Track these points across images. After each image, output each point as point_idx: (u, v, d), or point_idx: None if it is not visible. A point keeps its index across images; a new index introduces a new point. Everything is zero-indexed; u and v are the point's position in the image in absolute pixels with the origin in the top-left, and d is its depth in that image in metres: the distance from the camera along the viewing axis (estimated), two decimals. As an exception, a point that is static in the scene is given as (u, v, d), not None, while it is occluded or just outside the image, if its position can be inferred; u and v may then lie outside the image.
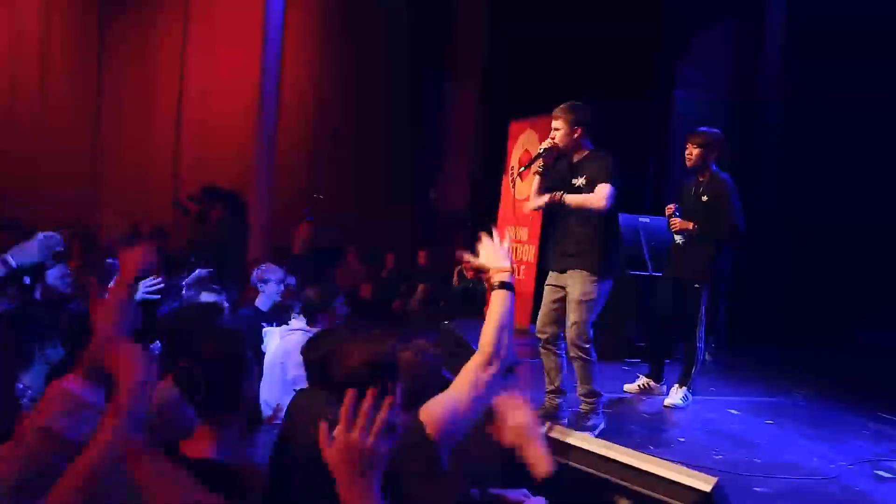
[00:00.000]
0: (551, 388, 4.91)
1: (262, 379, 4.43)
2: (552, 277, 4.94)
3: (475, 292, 9.87)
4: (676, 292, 5.69)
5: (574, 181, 4.75)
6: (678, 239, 5.64)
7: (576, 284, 4.67)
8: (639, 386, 5.91)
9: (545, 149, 4.80)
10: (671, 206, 5.72)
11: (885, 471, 4.36)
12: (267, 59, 9.78)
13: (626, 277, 7.28)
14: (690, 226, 5.52)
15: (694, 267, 5.57)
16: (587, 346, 4.68)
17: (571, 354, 4.72)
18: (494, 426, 2.45)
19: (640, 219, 7.62)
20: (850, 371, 6.97)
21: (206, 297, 4.58)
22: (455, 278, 10.26)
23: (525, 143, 9.43)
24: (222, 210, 8.45)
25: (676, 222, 5.62)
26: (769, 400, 5.85)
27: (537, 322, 4.98)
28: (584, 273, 4.66)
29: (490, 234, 2.87)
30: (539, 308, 8.36)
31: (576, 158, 4.82)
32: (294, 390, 3.98)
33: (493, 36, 10.94)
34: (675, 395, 5.54)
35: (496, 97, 10.50)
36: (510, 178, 9.62)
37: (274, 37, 9.76)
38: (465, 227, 11.29)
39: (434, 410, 2.43)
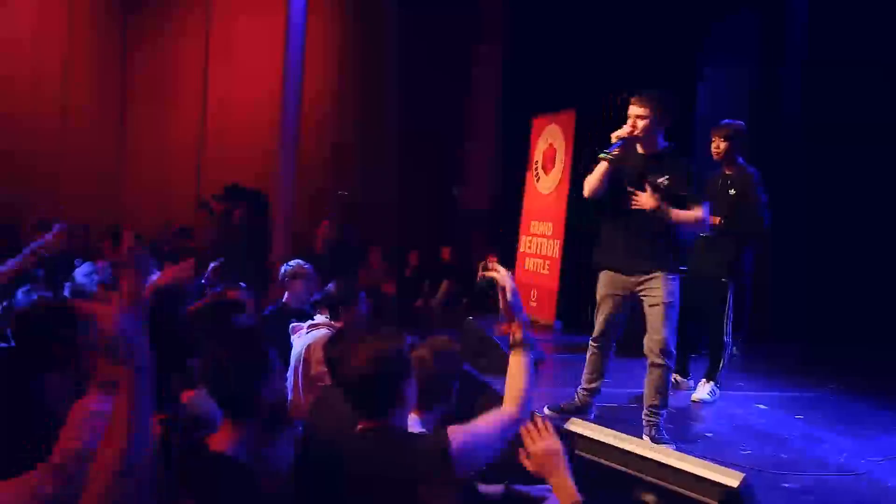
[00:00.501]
0: (590, 387, 4.81)
1: (288, 375, 4.48)
2: (613, 281, 4.54)
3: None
4: (702, 287, 5.64)
5: (651, 178, 4.33)
6: (702, 234, 5.58)
7: (657, 287, 4.37)
8: None
9: (624, 137, 4.35)
10: None
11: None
12: (289, 57, 9.82)
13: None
14: (717, 220, 5.47)
15: (720, 261, 5.53)
16: (673, 352, 4.46)
17: (654, 362, 4.42)
18: (521, 453, 2.45)
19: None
20: (879, 367, 6.85)
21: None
22: (479, 275, 10.24)
23: (549, 138, 9.43)
24: (245, 209, 8.50)
25: None
26: (797, 395, 5.80)
27: (599, 325, 4.68)
28: (664, 274, 4.36)
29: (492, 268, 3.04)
30: (563, 302, 8.51)
31: (652, 152, 4.41)
32: (318, 387, 4.01)
33: (514, 31, 10.90)
34: (703, 390, 5.51)
35: (519, 92, 10.46)
36: (534, 173, 9.62)
37: (296, 36, 9.80)
38: (489, 224, 11.30)
39: (460, 432, 2.42)
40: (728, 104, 8.38)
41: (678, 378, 5.83)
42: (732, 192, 5.50)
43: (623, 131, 4.33)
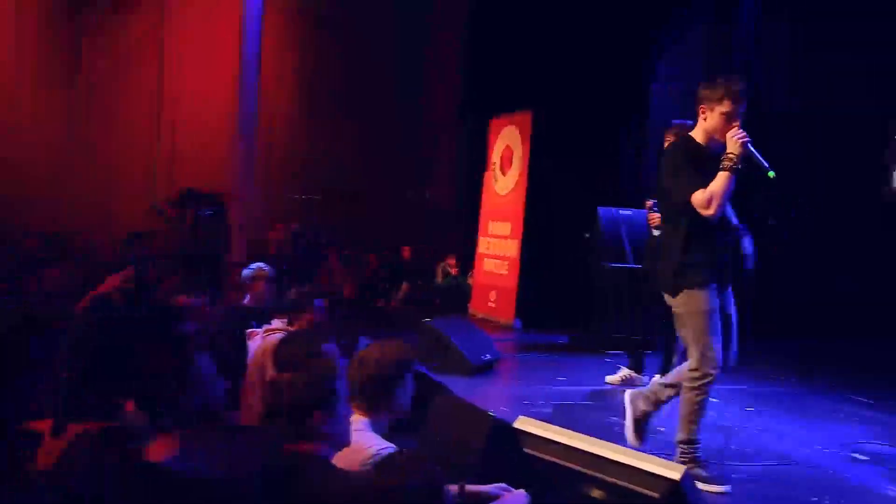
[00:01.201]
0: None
1: (246, 379, 4.47)
2: (712, 297, 3.90)
3: (459, 288, 9.92)
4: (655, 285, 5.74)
5: None
6: (656, 233, 5.67)
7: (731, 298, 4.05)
8: (620, 377, 5.96)
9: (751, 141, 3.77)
10: (650, 200, 5.76)
11: (861, 454, 4.43)
12: (246, 59, 9.78)
13: (606, 269, 7.35)
14: None
15: None
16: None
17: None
18: None
19: (622, 211, 7.67)
20: (830, 358, 7.00)
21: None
22: (439, 275, 10.29)
23: (506, 139, 9.50)
24: (200, 213, 8.45)
25: (656, 216, 5.66)
26: (749, 388, 5.91)
27: (718, 359, 3.86)
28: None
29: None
30: (523, 301, 8.57)
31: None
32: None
33: (472, 33, 10.96)
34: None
35: (477, 94, 10.53)
36: (491, 174, 9.68)
37: (252, 38, 9.75)
38: (449, 225, 11.35)
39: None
40: (682, 104, 8.53)
41: (633, 374, 5.93)
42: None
43: (742, 134, 3.74)
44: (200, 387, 2.27)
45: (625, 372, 5.97)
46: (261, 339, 4.81)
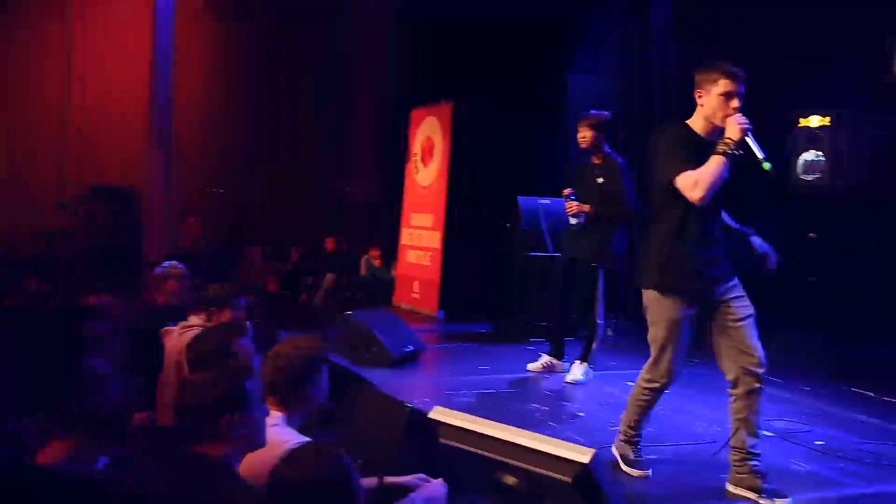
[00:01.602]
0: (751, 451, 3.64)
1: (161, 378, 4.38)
2: (692, 303, 3.67)
3: (382, 280, 9.91)
4: (574, 272, 5.86)
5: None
6: (573, 221, 5.77)
7: (743, 293, 3.72)
8: (542, 364, 6.05)
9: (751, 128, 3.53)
10: (567, 189, 5.85)
11: (767, 430, 4.58)
12: (157, 54, 9.54)
13: (527, 258, 7.44)
14: (587, 208, 5.68)
15: (590, 248, 5.73)
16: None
17: (756, 387, 3.63)
18: None
19: (541, 201, 7.76)
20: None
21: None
22: (362, 267, 10.26)
23: (427, 130, 9.52)
24: (111, 211, 8.24)
25: (573, 206, 5.76)
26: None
27: (677, 366, 3.75)
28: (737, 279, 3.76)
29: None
30: (446, 293, 8.61)
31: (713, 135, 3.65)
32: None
33: (393, 24, 10.93)
34: (576, 372, 5.71)
35: (398, 85, 10.51)
36: (413, 165, 9.69)
37: (164, 31, 9.52)
38: (372, 217, 11.32)
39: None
40: (598, 95, 8.67)
41: (553, 361, 6.03)
42: (600, 180, 5.72)
43: (742, 119, 3.51)
44: (93, 389, 2.22)
45: (546, 359, 6.06)
46: (177, 337, 4.73)
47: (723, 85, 3.52)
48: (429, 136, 9.44)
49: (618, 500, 2.48)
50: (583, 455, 2.25)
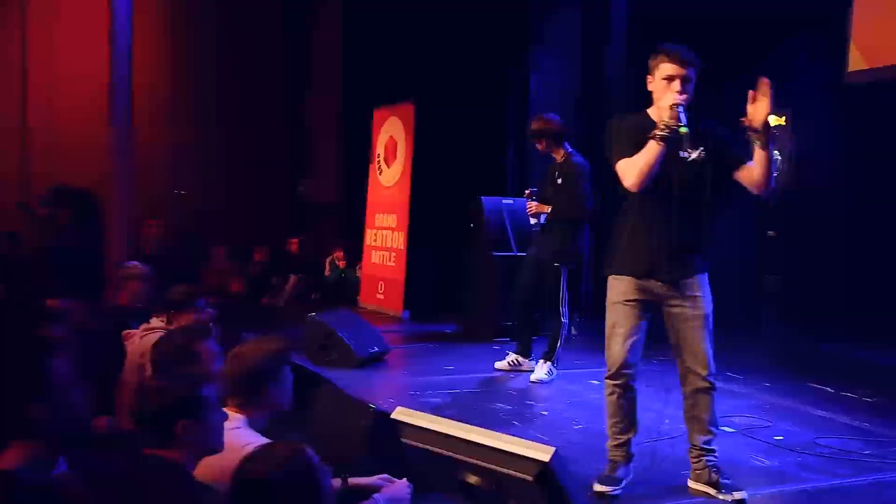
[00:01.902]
0: (627, 436, 3.72)
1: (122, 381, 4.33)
2: (638, 288, 3.58)
3: (347, 281, 9.89)
4: (538, 272, 5.90)
5: (683, 154, 3.50)
6: (532, 221, 5.82)
7: (700, 293, 3.56)
8: (508, 363, 6.08)
9: (685, 106, 3.40)
10: (529, 189, 5.90)
11: (728, 426, 4.65)
12: (116, 51, 9.37)
13: (491, 258, 7.46)
14: (546, 208, 5.74)
15: (552, 247, 5.78)
16: (713, 369, 3.63)
17: (702, 386, 3.59)
18: None
19: (504, 201, 7.80)
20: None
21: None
22: (326, 268, 10.23)
23: (389, 130, 9.51)
24: (73, 212, 8.12)
25: (532, 206, 5.81)
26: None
27: (616, 354, 3.63)
28: (704, 277, 3.59)
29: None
30: (410, 293, 8.61)
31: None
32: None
33: (352, 23, 10.91)
34: (541, 371, 5.75)
35: (359, 85, 10.49)
36: (376, 166, 9.67)
37: (122, 29, 9.36)
38: (336, 218, 11.28)
39: None
40: (560, 95, 8.73)
41: (520, 359, 6.06)
42: (559, 181, 5.77)
43: (676, 98, 3.39)
44: (54, 393, 2.19)
45: (512, 357, 6.09)
46: (139, 340, 4.69)
47: (664, 69, 3.46)
48: (392, 136, 9.43)
49: (580, 498, 2.51)
50: (544, 453, 2.27)
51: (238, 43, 11.98)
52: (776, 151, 6.72)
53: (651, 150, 3.38)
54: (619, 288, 3.60)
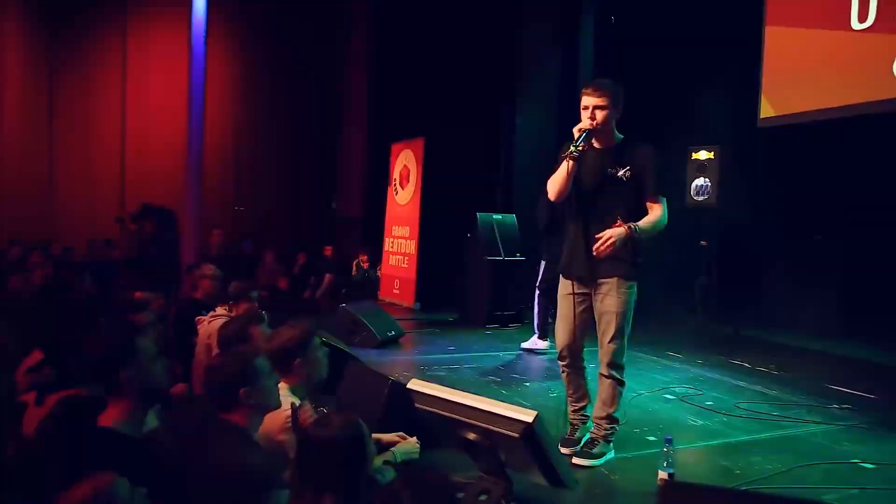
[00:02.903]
0: (581, 404, 3.55)
1: (196, 357, 4.33)
2: (571, 286, 3.40)
3: (370, 279, 9.88)
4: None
5: (612, 171, 3.26)
6: None
7: (611, 294, 3.29)
8: (532, 343, 5.99)
9: (587, 131, 3.21)
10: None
11: (670, 394, 4.65)
12: (192, 89, 9.42)
13: (484, 261, 7.46)
14: None
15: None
16: (622, 365, 3.38)
17: (603, 373, 3.38)
18: None
19: (494, 216, 7.80)
20: (651, 323, 7.24)
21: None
22: (354, 269, 10.22)
23: (404, 160, 9.50)
24: (156, 224, 8.14)
25: None
26: (591, 349, 6.08)
27: (560, 339, 3.46)
28: (620, 280, 3.27)
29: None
30: (420, 289, 8.61)
31: (608, 144, 3.31)
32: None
33: (376, 75, 10.93)
34: (534, 341, 5.83)
35: (380, 123, 10.51)
36: (393, 188, 9.67)
37: (197, 69, 9.39)
38: (360, 229, 11.28)
39: None
40: (542, 127, 8.72)
41: (538, 340, 5.95)
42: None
43: (584, 124, 3.23)
44: (142, 365, 2.21)
45: (534, 338, 5.98)
46: (207, 324, 4.69)
47: (582, 100, 3.26)
48: (405, 164, 9.43)
49: (556, 452, 2.51)
50: (528, 416, 2.29)
51: (285, 91, 12.01)
52: (706, 179, 6.73)
53: (560, 169, 3.24)
54: (562, 284, 3.46)
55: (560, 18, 8.98)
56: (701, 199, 6.77)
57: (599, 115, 3.21)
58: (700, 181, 6.78)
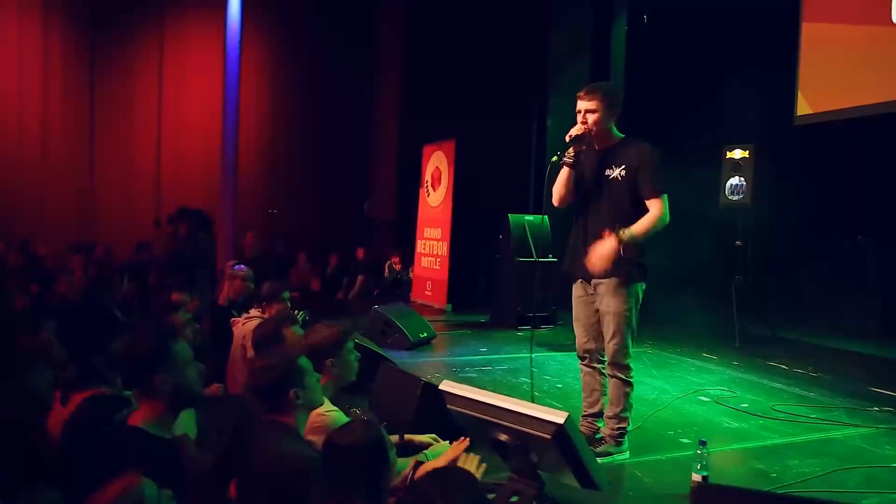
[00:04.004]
0: (592, 410, 3.52)
1: (231, 358, 4.41)
2: (580, 287, 3.44)
3: (401, 281, 9.94)
4: None
5: (608, 172, 3.27)
6: None
7: (609, 294, 3.29)
8: None
9: (577, 135, 3.26)
10: None
11: (705, 396, 4.60)
12: (227, 92, 9.60)
13: (516, 262, 7.44)
14: None
15: None
16: (625, 364, 3.35)
17: (608, 372, 3.40)
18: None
19: (526, 217, 7.77)
20: (686, 324, 7.09)
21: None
22: (386, 271, 10.28)
23: (436, 162, 9.55)
24: (190, 227, 8.29)
25: None
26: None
27: (577, 339, 3.48)
28: (617, 281, 3.26)
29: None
30: (453, 290, 8.63)
31: (606, 145, 3.32)
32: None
33: (406, 77, 10.99)
34: None
35: (411, 126, 10.57)
36: (425, 190, 9.72)
37: (232, 72, 9.56)
38: (393, 230, 11.35)
39: None
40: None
41: None
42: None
43: (576, 129, 3.27)
44: (177, 367, 2.24)
45: None
46: (241, 325, 4.77)
47: (577, 105, 3.30)
48: (437, 166, 9.47)
49: (587, 453, 2.51)
50: (559, 417, 2.28)
51: (319, 94, 12.12)
52: (742, 178, 6.62)
53: (562, 173, 3.33)
54: (573, 286, 3.49)
55: (592, 17, 8.93)
56: (736, 198, 6.66)
57: (591, 118, 3.24)
58: (735, 180, 6.67)
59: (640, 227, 3.17)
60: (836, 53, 6.24)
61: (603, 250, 3.13)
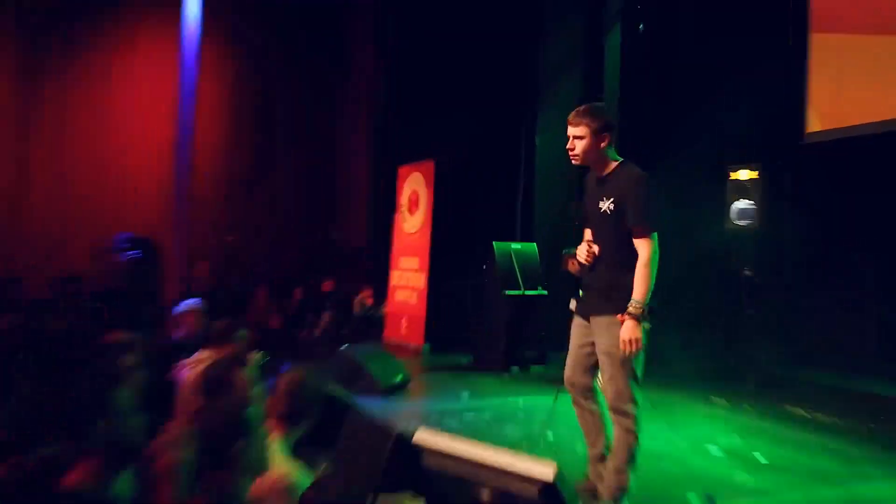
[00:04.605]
0: (594, 452, 3.54)
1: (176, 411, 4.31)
2: (581, 324, 3.50)
3: (374, 318, 9.87)
4: None
5: (600, 204, 3.34)
6: None
7: (604, 333, 3.31)
8: None
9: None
10: None
11: (714, 445, 4.57)
12: (182, 107, 9.59)
13: (502, 296, 7.42)
14: None
15: None
16: (626, 408, 3.30)
17: (611, 417, 3.38)
18: None
19: (513, 245, 7.77)
20: (692, 361, 7.09)
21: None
22: (356, 306, 10.21)
23: (413, 185, 9.56)
24: (135, 256, 8.21)
25: None
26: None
27: (565, 371, 3.54)
28: (611, 318, 3.26)
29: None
30: (430, 327, 8.58)
31: (604, 172, 3.37)
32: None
33: (383, 89, 11.04)
34: None
35: (385, 145, 10.60)
36: (400, 215, 9.71)
37: (187, 95, 9.58)
38: (364, 261, 11.30)
39: None
40: (562, 152, 8.74)
41: None
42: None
43: (580, 255, 3.43)
44: (119, 418, 2.19)
45: None
46: (189, 370, 4.67)
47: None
48: (414, 189, 9.48)
49: (580, 512, 2.46)
50: (547, 472, 2.24)
51: (284, 109, 12.14)
52: (751, 201, 6.68)
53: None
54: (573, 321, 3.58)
55: (584, 29, 9.06)
56: (743, 223, 6.69)
57: (579, 145, 3.32)
58: (742, 204, 6.70)
59: (639, 288, 3.20)
60: (848, 66, 6.37)
61: (625, 336, 3.18)
